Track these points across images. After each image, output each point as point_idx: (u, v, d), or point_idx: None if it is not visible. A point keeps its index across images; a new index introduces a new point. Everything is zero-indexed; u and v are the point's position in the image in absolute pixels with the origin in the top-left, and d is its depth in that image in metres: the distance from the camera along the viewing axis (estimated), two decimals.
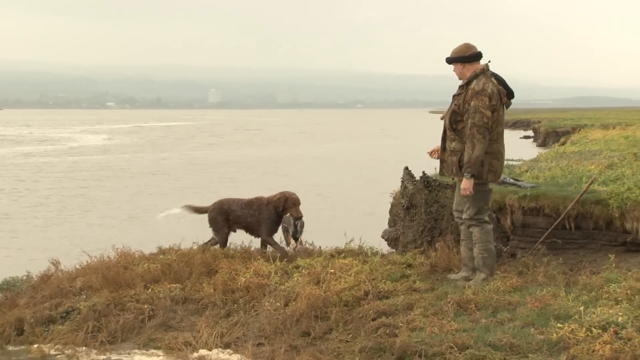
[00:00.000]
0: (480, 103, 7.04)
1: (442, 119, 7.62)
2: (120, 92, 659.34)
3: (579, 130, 33.17)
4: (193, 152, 50.12)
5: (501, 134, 7.30)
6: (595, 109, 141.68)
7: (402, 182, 9.26)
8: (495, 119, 7.13)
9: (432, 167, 10.71)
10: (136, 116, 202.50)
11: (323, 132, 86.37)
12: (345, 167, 37.07)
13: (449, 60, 7.43)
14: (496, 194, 9.16)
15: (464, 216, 7.41)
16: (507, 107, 7.41)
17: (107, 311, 6.55)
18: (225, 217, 8.60)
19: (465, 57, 7.32)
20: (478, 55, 7.33)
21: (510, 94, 7.37)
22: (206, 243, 8.75)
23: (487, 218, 7.48)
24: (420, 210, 8.85)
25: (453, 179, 7.91)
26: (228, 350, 5.69)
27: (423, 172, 8.96)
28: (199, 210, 8.95)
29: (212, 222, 8.68)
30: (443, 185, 8.84)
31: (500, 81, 7.33)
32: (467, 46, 7.38)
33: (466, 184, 7.13)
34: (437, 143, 7.65)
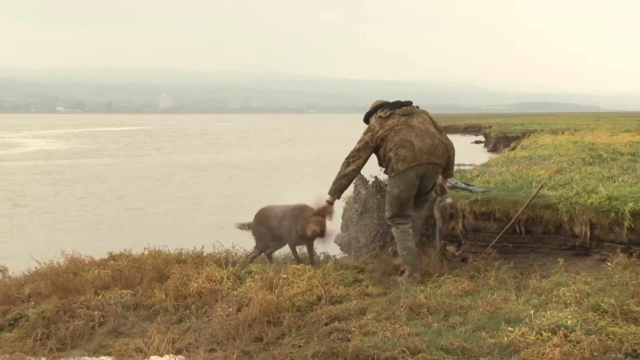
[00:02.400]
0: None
1: None
2: (70, 97, 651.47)
3: (529, 135, 33.51)
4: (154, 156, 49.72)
5: (402, 129, 7.73)
6: (545, 114, 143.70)
7: (355, 187, 9.28)
8: (385, 133, 7.74)
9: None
10: (86, 121, 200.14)
11: (280, 136, 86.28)
12: (293, 172, 37.04)
13: (365, 121, 8.36)
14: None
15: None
16: (403, 114, 7.89)
17: (57, 318, 6.43)
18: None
19: (368, 113, 8.30)
20: (378, 107, 8.14)
21: (396, 104, 7.98)
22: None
23: (401, 220, 7.79)
24: (372, 215, 8.88)
25: None
26: (180, 356, 5.63)
27: (375, 177, 8.99)
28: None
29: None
30: None
31: (389, 104, 8.05)
32: (374, 102, 8.40)
33: (326, 201, 8.07)
34: None
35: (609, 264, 7.05)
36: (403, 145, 7.61)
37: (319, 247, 8.75)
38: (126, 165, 42.06)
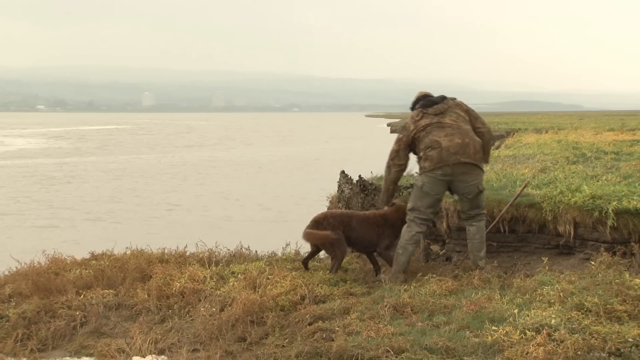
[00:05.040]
0: None
1: None
2: (51, 95, 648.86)
3: (513, 134, 33.60)
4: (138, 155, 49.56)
5: (434, 128, 7.86)
6: (529, 113, 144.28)
7: (339, 185, 9.27)
8: (418, 132, 7.91)
9: (368, 170, 10.76)
10: (66, 119, 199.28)
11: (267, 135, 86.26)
12: (280, 171, 37.06)
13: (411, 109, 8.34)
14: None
15: None
16: (435, 112, 7.98)
17: (38, 318, 6.38)
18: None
19: (413, 103, 8.29)
20: (419, 99, 8.24)
21: (428, 104, 8.06)
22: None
23: (418, 217, 7.88)
24: None
25: None
26: (162, 356, 5.59)
27: (359, 176, 8.98)
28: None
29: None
30: (379, 189, 8.88)
31: (424, 102, 8.12)
32: (417, 94, 8.45)
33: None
34: (376, 148, 7.92)
35: (592, 263, 7.05)
36: (432, 146, 7.77)
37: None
38: (116, 164, 41.91)
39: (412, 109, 8.29)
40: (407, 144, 8.01)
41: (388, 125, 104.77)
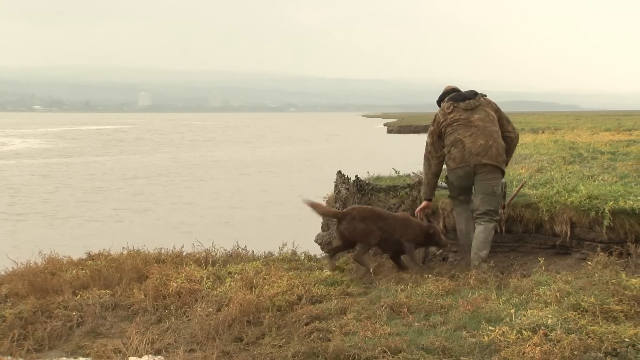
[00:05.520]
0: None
1: None
2: (48, 95, 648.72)
3: None
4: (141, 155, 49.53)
5: (461, 126, 8.13)
6: (525, 113, 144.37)
7: (336, 185, 9.26)
8: (447, 126, 8.19)
9: (365, 170, 10.76)
10: (65, 119, 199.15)
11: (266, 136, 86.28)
12: (277, 171, 37.06)
13: (438, 103, 8.62)
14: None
15: None
16: (465, 107, 8.22)
17: (34, 318, 6.37)
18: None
19: (440, 97, 8.57)
20: (448, 92, 8.50)
21: (459, 97, 8.30)
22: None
23: (456, 203, 8.50)
24: None
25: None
26: (159, 356, 5.59)
27: (356, 176, 8.98)
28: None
29: None
30: (376, 189, 8.88)
31: (455, 96, 8.35)
32: (445, 88, 8.68)
33: (422, 206, 8.53)
34: (373, 147, 8.00)
35: (589, 263, 7.05)
36: (455, 144, 8.11)
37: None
38: (114, 164, 41.87)
39: (440, 102, 8.55)
40: (438, 136, 8.32)
41: (385, 125, 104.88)
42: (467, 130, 8.07)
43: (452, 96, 8.36)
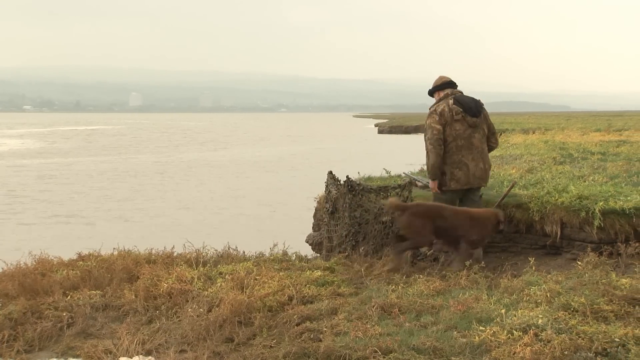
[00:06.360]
0: (430, 120, 8.65)
1: None
2: (38, 95, 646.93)
3: (500, 134, 33.67)
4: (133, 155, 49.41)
5: (463, 147, 8.53)
6: (516, 113, 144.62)
7: (327, 186, 9.26)
8: (449, 134, 8.52)
9: (356, 171, 10.76)
10: (54, 120, 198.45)
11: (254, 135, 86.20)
12: (269, 171, 37.05)
13: (430, 93, 8.99)
14: (420, 198, 9.27)
15: None
16: (471, 124, 8.58)
17: (24, 319, 6.34)
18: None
19: (437, 86, 8.88)
20: (446, 84, 8.83)
21: (469, 111, 8.58)
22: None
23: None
24: (344, 215, 8.86)
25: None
26: (149, 357, 5.57)
27: (347, 176, 8.97)
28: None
29: None
30: (367, 190, 8.88)
31: (462, 102, 8.60)
32: (440, 78, 8.97)
33: (431, 185, 8.78)
34: (363, 148, 8.00)
35: (579, 263, 7.07)
36: (460, 167, 8.51)
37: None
38: (109, 165, 41.78)
39: (433, 92, 8.91)
40: (444, 127, 8.59)
41: (376, 125, 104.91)
42: (470, 153, 8.52)
43: (461, 100, 8.65)
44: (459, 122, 8.50)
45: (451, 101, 8.60)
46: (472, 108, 8.59)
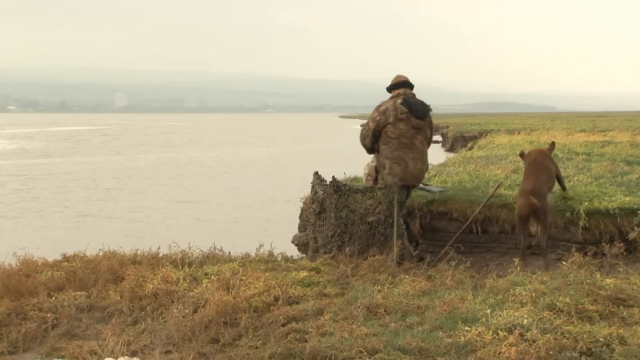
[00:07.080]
0: (371, 115, 9.17)
1: None
2: (22, 96, 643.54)
3: (486, 135, 33.85)
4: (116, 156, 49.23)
5: (406, 145, 8.85)
6: (501, 114, 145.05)
7: (313, 186, 9.26)
8: (393, 131, 8.85)
9: (342, 171, 10.76)
10: (38, 120, 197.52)
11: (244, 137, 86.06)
12: (255, 172, 37.01)
13: (388, 90, 9.32)
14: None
15: None
16: (415, 125, 8.89)
17: (8, 321, 6.31)
18: None
19: (392, 85, 9.24)
20: (401, 84, 9.14)
21: (415, 113, 8.88)
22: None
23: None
24: (330, 215, 8.85)
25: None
26: (135, 358, 5.54)
27: (333, 176, 8.97)
28: None
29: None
30: (353, 190, 8.87)
31: (410, 103, 8.90)
32: (397, 77, 9.30)
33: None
34: (350, 148, 8.13)
35: (564, 263, 7.10)
36: (399, 162, 8.81)
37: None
38: (97, 166, 41.62)
39: (390, 89, 9.22)
40: (382, 127, 8.94)
41: (361, 126, 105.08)
42: (411, 152, 8.83)
43: (409, 102, 8.93)
44: (403, 122, 8.83)
45: (399, 101, 8.91)
46: (418, 110, 8.92)
